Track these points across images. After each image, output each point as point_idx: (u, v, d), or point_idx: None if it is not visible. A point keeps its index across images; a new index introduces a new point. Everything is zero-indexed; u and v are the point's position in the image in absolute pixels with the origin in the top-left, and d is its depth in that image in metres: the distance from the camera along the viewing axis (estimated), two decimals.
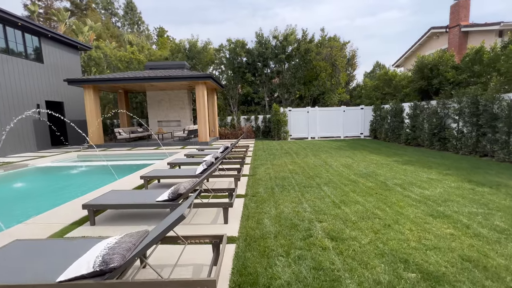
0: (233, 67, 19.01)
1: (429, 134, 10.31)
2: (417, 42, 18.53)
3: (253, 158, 8.90)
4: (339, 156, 8.85)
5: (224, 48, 19.02)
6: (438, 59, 9.96)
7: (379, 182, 5.37)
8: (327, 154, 9.46)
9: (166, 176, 5.23)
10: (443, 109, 9.80)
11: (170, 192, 3.49)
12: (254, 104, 20.69)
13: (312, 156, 8.95)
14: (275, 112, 15.39)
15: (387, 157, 8.42)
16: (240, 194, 4.76)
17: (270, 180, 5.80)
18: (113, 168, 8.14)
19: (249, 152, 10.46)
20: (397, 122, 12.87)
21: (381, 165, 7.12)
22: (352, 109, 16.30)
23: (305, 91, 18.56)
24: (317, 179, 5.73)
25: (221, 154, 6.10)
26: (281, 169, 6.89)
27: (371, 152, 9.63)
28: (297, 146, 12.04)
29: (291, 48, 19.03)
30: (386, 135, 13.84)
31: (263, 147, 11.93)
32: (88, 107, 13.39)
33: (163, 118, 17.08)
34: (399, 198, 4.31)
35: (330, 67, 17.77)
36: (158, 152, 11.68)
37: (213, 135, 16.84)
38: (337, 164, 7.48)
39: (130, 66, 18.61)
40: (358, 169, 6.66)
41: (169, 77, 12.69)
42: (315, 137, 16.28)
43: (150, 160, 9.75)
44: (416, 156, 8.59)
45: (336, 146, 11.79)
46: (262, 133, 18.09)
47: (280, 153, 10.00)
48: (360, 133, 16.35)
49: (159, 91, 16.64)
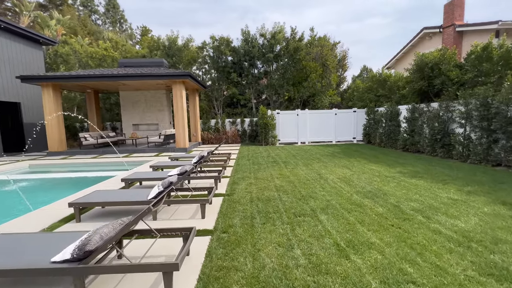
0: (217, 66, 17.64)
1: (430, 139, 9.32)
2: (409, 43, 17.87)
3: (234, 169, 7.53)
4: (334, 166, 7.64)
5: (208, 45, 17.64)
6: (440, 57, 9.03)
7: (391, 206, 4.14)
8: (320, 163, 8.24)
9: (108, 203, 3.79)
10: (447, 112, 8.83)
11: (72, 248, 2.08)
12: (240, 107, 19.37)
13: (303, 166, 7.68)
14: (262, 115, 14.13)
15: (389, 167, 7.28)
16: (206, 230, 3.39)
17: (250, 203, 4.45)
18: (56, 184, 6.56)
19: (231, 161, 9.09)
20: (393, 126, 11.89)
21: (386, 179, 5.93)
22: (344, 112, 15.28)
23: (294, 93, 17.44)
24: (311, 202, 4.44)
25: (190, 167, 4.73)
26: (266, 186, 5.56)
27: (369, 161, 8.50)
28: (286, 153, 10.79)
29: (279, 47, 17.90)
30: (381, 140, 12.85)
31: (248, 154, 10.59)
32: (47, 108, 11.60)
33: (139, 121, 15.42)
34: (428, 236, 3.07)
35: (320, 67, 16.75)
36: (126, 161, 10.09)
37: (194, 140, 15.36)
38: (333, 177, 6.24)
39: (103, 64, 16.86)
40: (360, 185, 5.44)
41: (142, 75, 11.16)
42: (305, 142, 15.13)
43: (113, 172, 8.18)
44: (421, 165, 7.51)
45: (328, 153, 10.62)
46: (249, 137, 16.77)
47: (266, 162, 8.69)
48: (353, 137, 15.34)
49: (134, 91, 15.00)
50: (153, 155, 11.36)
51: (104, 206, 4.10)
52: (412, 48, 18.10)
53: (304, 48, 16.48)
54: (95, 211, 4.25)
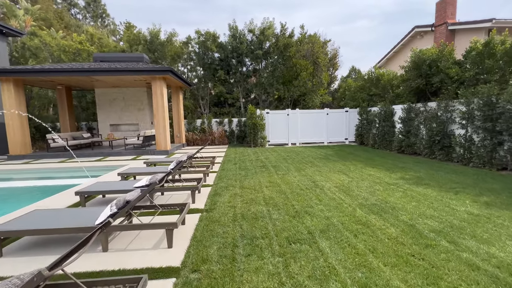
0: (203, 63, 16.63)
1: (428, 141, 8.79)
2: (400, 42, 17.54)
3: (218, 176, 6.65)
4: (329, 171, 6.91)
5: (193, 41, 16.59)
6: (438, 54, 8.51)
7: (404, 225, 3.41)
8: (314, 167, 7.49)
9: (37, 231, 2.82)
10: (446, 112, 8.32)
11: None
12: (228, 106, 18.43)
13: (296, 172, 6.90)
14: (251, 114, 13.29)
15: (389, 172, 6.63)
16: (169, 269, 2.51)
17: (233, 222, 3.60)
18: None
19: (216, 165, 8.20)
20: (388, 126, 11.36)
21: (389, 187, 5.24)
22: (336, 111, 14.69)
23: (284, 92, 16.70)
24: (308, 220, 3.64)
25: (162, 175, 3.83)
26: (253, 197, 4.72)
27: (366, 164, 7.84)
28: (276, 156, 9.99)
29: (268, 44, 17.11)
30: (375, 141, 12.32)
31: (234, 157, 9.72)
32: (7, 106, 10.27)
33: (117, 121, 14.21)
34: (465, 275, 2.33)
35: (311, 65, 16.10)
36: (98, 165, 8.98)
37: (178, 142, 14.31)
38: (330, 185, 5.48)
39: (77, 58, 15.47)
40: (362, 196, 4.70)
41: (116, 70, 10.05)
42: (296, 143, 14.42)
43: (77, 179, 7.10)
44: (423, 170, 6.90)
45: (321, 155, 9.92)
46: (237, 138, 15.88)
47: (254, 166, 7.85)
48: (345, 138, 14.78)
49: (111, 88, 13.79)
50: (130, 158, 10.27)
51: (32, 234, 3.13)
52: (403, 47, 17.80)
53: (294, 44, 15.76)
54: (20, 243, 3.27)
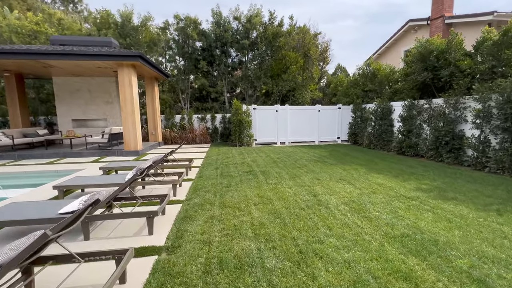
0: (183, 52, 14.94)
1: (434, 142, 7.87)
2: (392, 37, 16.78)
3: (194, 186, 5.25)
4: (330, 179, 5.72)
5: (171, 26, 14.82)
6: (448, 44, 7.55)
7: (469, 279, 2.23)
8: (311, 173, 6.28)
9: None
10: (455, 109, 7.40)
11: None
12: (211, 101, 16.90)
13: (290, 180, 5.65)
14: (236, 110, 11.89)
15: (399, 180, 5.55)
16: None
17: (204, 277, 2.27)
18: None
19: (193, 170, 6.78)
20: (386, 125, 10.42)
21: (410, 203, 4.12)
22: (328, 108, 13.63)
23: (272, 86, 15.41)
24: (320, 270, 2.38)
25: (105, 195, 2.43)
26: (237, 224, 3.40)
27: (369, 169, 6.75)
28: (265, 158, 8.71)
29: (256, 34, 15.71)
30: (370, 141, 11.37)
31: (216, 160, 8.32)
32: None
33: (81, 116, 12.29)
34: None
35: (301, 58, 14.91)
36: (44, 170, 7.26)
37: (153, 140, 12.64)
38: (336, 201, 4.27)
39: (33, 42, 13.25)
40: (383, 219, 3.53)
41: (71, 54, 8.27)
42: (285, 142, 13.22)
43: (18, 189, 5.44)
44: (437, 177, 5.89)
45: (315, 157, 8.76)
46: (221, 136, 14.45)
47: (240, 172, 6.52)
48: (337, 137, 13.79)
49: (72, 77, 11.83)
50: (90, 160, 8.58)
51: None
52: (396, 42, 17.08)
53: (284, 34, 14.45)
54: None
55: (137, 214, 3.14)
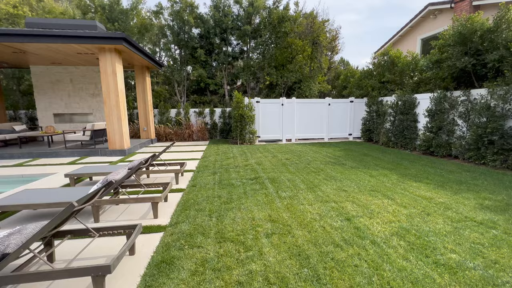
0: (178, 39, 13.53)
1: (475, 141, 6.57)
2: (408, 24, 15.32)
3: (183, 202, 3.99)
4: (359, 190, 4.46)
5: (165, 10, 13.37)
6: (497, 22, 6.18)
7: None
8: (332, 182, 5.01)
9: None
10: (505, 102, 6.09)
11: None
12: (210, 93, 15.55)
13: (309, 192, 4.39)
14: (237, 103, 10.57)
15: (449, 193, 4.28)
16: None
17: None
18: None
19: (186, 174, 5.52)
20: (408, 121, 9.12)
21: (489, 233, 2.86)
22: (339, 102, 12.28)
23: (277, 78, 14.03)
24: None
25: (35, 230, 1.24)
26: (242, 282, 2.15)
27: (400, 174, 5.48)
28: (272, 159, 7.44)
29: (259, 20, 14.27)
30: (388, 138, 10.08)
31: (214, 162, 7.05)
32: None
33: (63, 110, 10.99)
34: None
35: (309, 46, 13.49)
36: (10, 174, 6.00)
37: (145, 137, 11.37)
38: (383, 230, 3.00)
39: (11, 26, 11.85)
40: (470, 267, 2.28)
41: (40, 35, 6.94)
42: (291, 139, 11.94)
43: None
44: (497, 188, 4.62)
45: (330, 158, 7.48)
46: (220, 132, 13.17)
47: (243, 179, 5.26)
48: (349, 133, 12.48)
49: (52, 65, 10.48)
50: (66, 162, 7.31)
51: None
52: (412, 30, 15.62)
53: (290, 18, 13.00)
54: None
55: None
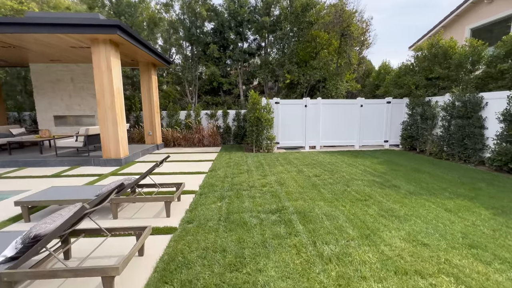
0: (189, 35, 12.30)
1: None
2: (454, 12, 13.14)
3: (163, 266, 2.50)
4: (447, 244, 2.76)
5: (175, 2, 12.19)
6: None
7: None
8: (395, 220, 3.34)
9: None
10: None
11: None
12: (224, 94, 14.20)
13: (366, 246, 2.75)
14: (253, 104, 9.07)
15: None
16: None
17: None
18: None
19: (185, 198, 4.08)
20: (470, 127, 7.13)
21: None
22: (373, 103, 10.39)
23: (298, 76, 12.38)
24: None
25: None
26: None
27: (493, 208, 3.68)
28: (296, 176, 5.82)
29: (279, 11, 12.73)
30: (440, 148, 8.11)
31: (224, 179, 5.56)
32: None
33: (64, 112, 10.06)
34: None
35: (337, 39, 11.72)
36: None
37: (150, 142, 10.17)
38: None
39: None
40: None
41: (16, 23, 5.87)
42: (315, 146, 10.23)
43: None
44: None
45: (372, 175, 5.73)
46: (234, 137, 11.74)
47: (260, 214, 3.71)
48: (385, 140, 10.55)
49: (51, 63, 9.57)
50: (50, 174, 6.14)
51: None
52: (457, 19, 13.40)
53: (316, 5, 11.31)
54: None
55: None
